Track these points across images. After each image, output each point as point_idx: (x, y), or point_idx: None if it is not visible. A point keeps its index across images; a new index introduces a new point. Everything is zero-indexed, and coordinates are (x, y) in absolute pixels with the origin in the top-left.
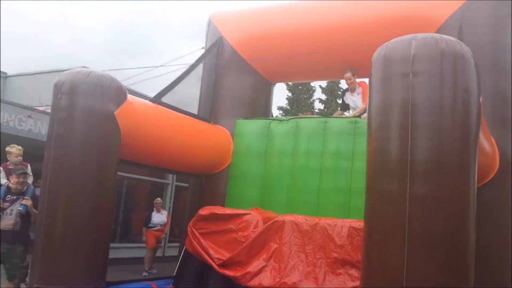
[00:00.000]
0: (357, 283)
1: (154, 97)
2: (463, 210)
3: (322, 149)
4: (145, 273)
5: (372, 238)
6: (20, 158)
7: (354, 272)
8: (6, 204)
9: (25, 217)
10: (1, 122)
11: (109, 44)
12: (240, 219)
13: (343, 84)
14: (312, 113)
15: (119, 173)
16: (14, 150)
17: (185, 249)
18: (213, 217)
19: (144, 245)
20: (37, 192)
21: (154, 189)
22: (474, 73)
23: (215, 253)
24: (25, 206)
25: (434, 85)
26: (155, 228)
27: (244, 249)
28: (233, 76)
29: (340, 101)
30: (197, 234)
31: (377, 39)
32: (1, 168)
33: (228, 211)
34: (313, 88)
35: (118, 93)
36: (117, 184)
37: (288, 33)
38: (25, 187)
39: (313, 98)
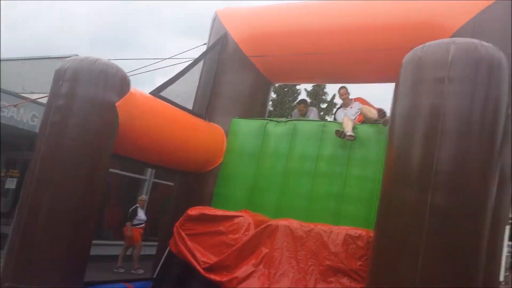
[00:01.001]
0: None
1: (154, 90)
2: (481, 224)
3: (318, 153)
4: (122, 270)
5: (384, 246)
6: None
7: (346, 281)
8: None
9: None
10: None
11: (96, 35)
12: (231, 221)
13: (329, 89)
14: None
15: None
16: None
17: (169, 250)
18: (202, 218)
19: (116, 242)
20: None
21: (130, 185)
22: (507, 82)
23: (201, 256)
24: None
25: (467, 93)
26: (140, 226)
27: (233, 253)
28: (233, 73)
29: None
30: (183, 235)
31: (388, 43)
32: None
33: (218, 212)
34: (298, 90)
35: (123, 83)
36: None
37: (293, 33)
38: None
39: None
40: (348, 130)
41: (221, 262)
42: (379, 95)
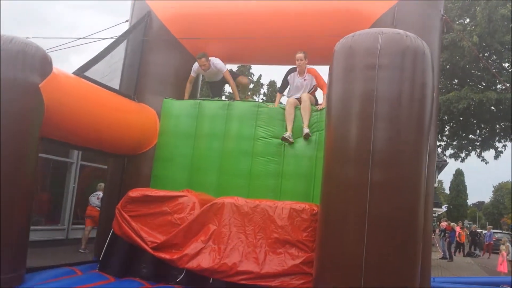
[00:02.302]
0: (297, 261)
1: (78, 70)
2: (416, 195)
3: (254, 133)
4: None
5: (330, 222)
6: None
7: (294, 251)
8: None
9: None
10: None
11: None
12: (175, 201)
13: (254, 69)
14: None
15: None
16: None
17: (112, 232)
18: (145, 199)
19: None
20: None
21: (56, 169)
22: (431, 69)
23: (148, 236)
24: None
25: (396, 79)
26: None
27: (180, 231)
28: (161, 53)
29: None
30: (127, 216)
31: (312, 29)
32: None
33: (161, 193)
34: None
35: (44, 63)
36: (39, 163)
37: (220, 15)
38: None
39: None
40: (288, 132)
41: (169, 241)
42: None
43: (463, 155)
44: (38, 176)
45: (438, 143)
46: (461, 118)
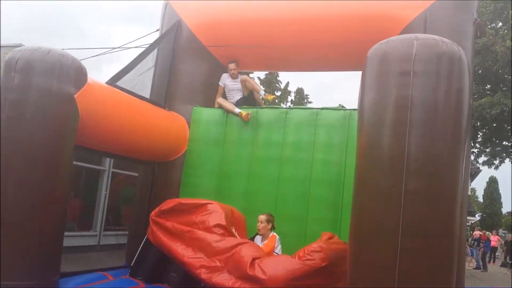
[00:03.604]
0: None
1: (110, 80)
2: (453, 205)
3: (282, 139)
4: None
5: (363, 231)
6: None
7: None
8: None
9: None
10: None
11: (27, 22)
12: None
13: (282, 77)
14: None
15: None
16: None
17: (146, 239)
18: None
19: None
20: None
21: (88, 176)
22: (467, 75)
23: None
24: None
25: (432, 85)
26: None
27: None
28: (190, 62)
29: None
30: (162, 223)
31: (342, 34)
32: None
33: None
34: (252, 79)
35: (79, 74)
36: (72, 171)
37: (248, 22)
38: None
39: None
40: None
41: None
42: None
43: (496, 162)
44: (71, 183)
45: (471, 150)
46: (494, 124)
